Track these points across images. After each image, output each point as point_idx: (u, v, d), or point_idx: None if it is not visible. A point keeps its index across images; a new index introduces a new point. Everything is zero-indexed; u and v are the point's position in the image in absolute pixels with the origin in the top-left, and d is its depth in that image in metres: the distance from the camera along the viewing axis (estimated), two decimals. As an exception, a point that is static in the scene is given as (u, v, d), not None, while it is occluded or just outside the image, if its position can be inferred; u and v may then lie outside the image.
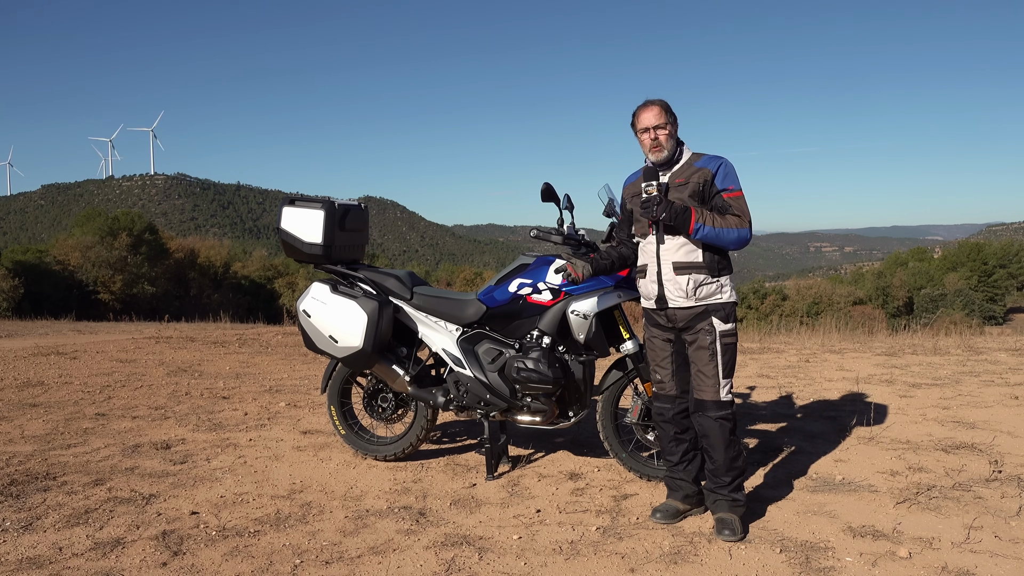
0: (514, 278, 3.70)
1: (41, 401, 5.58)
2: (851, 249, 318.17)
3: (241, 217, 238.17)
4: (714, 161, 3.11)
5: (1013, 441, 4.29)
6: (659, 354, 3.27)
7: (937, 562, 2.74)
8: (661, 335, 3.24)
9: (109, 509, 3.32)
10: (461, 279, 58.97)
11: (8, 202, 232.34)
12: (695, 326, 3.10)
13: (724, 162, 3.11)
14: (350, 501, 3.47)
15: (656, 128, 3.11)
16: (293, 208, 3.92)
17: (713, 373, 3.08)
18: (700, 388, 3.11)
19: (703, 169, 3.09)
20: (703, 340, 3.08)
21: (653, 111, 3.13)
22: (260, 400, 5.71)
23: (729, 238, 3.01)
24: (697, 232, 2.99)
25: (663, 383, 3.28)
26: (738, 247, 3.05)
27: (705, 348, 3.08)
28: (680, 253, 3.08)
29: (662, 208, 2.97)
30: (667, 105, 3.16)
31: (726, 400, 3.09)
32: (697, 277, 3.05)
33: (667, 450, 3.33)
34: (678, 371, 3.24)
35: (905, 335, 10.31)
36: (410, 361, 3.96)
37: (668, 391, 3.27)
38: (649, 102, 3.16)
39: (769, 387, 6.03)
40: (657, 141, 3.12)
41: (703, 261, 3.06)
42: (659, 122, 3.11)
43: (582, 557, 2.84)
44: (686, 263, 3.06)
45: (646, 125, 3.13)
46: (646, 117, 3.14)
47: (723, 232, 3.00)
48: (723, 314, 3.08)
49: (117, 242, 44.15)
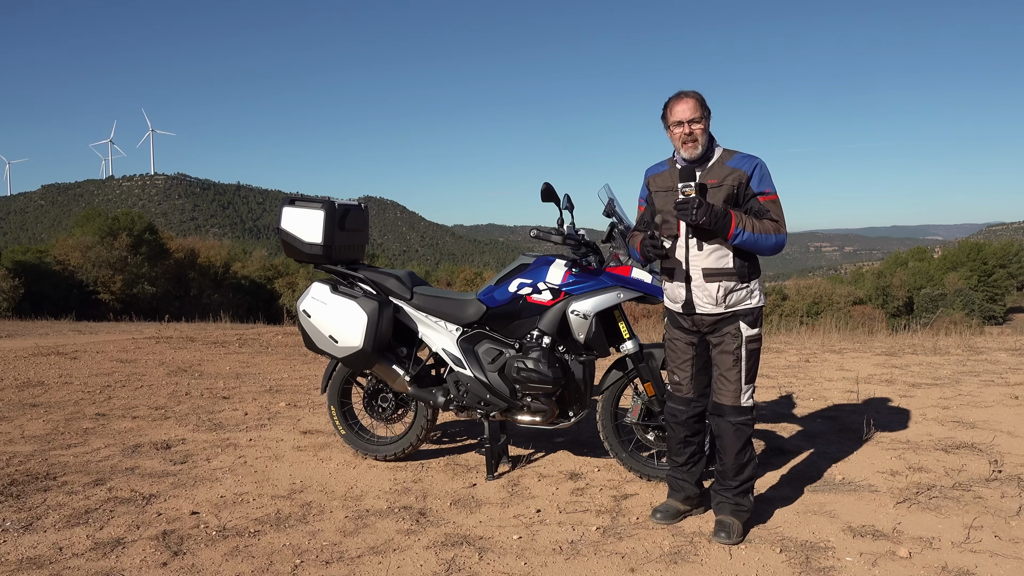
0: (514, 278, 3.70)
1: (41, 401, 5.58)
2: (851, 249, 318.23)
3: (241, 217, 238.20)
4: (749, 161, 2.95)
5: (1013, 441, 4.29)
6: (680, 356, 3.18)
7: (937, 562, 2.74)
8: (684, 338, 3.15)
9: (109, 509, 3.32)
10: (461, 279, 58.94)
11: (8, 202, 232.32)
12: (721, 329, 3.01)
13: (760, 163, 2.96)
14: (350, 501, 3.47)
15: (691, 122, 2.92)
16: (293, 208, 3.92)
17: (736, 378, 3.00)
18: (720, 392, 3.04)
19: (738, 170, 2.93)
20: (728, 344, 3.00)
21: (688, 104, 2.93)
22: (260, 400, 5.71)
23: (767, 244, 2.90)
24: (736, 238, 2.85)
25: (680, 385, 3.20)
26: (774, 253, 2.94)
27: (730, 353, 3.00)
28: (711, 259, 2.96)
29: (702, 212, 2.79)
30: (702, 98, 2.97)
31: (746, 406, 3.02)
32: (728, 284, 2.95)
33: (674, 451, 3.28)
34: (698, 375, 3.15)
35: (905, 335, 10.31)
36: (410, 361, 3.96)
37: (685, 393, 3.19)
38: (683, 93, 2.97)
39: (769, 387, 6.03)
40: (692, 136, 2.93)
41: (734, 268, 2.94)
42: (695, 115, 2.92)
43: (582, 557, 2.84)
44: (717, 270, 2.95)
45: (680, 119, 2.94)
46: (680, 110, 2.94)
47: (761, 238, 2.88)
48: (751, 319, 3.00)
49: (117, 242, 44.13)
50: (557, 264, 3.63)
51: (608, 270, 3.57)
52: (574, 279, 3.56)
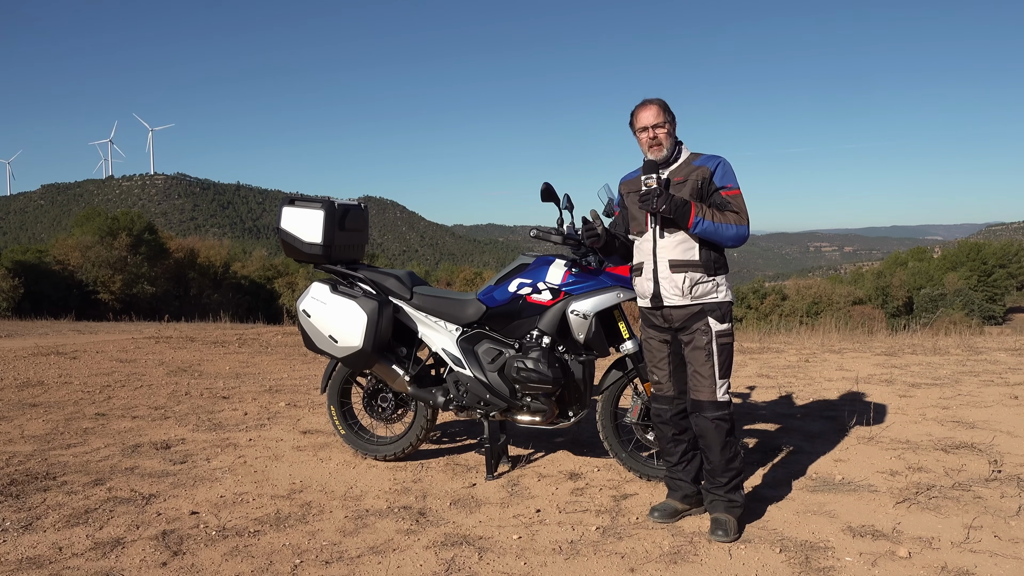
0: (514, 278, 3.71)
1: (41, 401, 5.58)
2: (851, 249, 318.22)
3: (241, 217, 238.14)
4: (712, 160, 3.12)
5: (1013, 441, 4.29)
6: (656, 355, 3.28)
7: (937, 562, 2.74)
8: (658, 336, 3.25)
9: (109, 509, 3.32)
10: (461, 279, 58.93)
11: (8, 202, 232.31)
12: (691, 326, 3.10)
13: (722, 161, 3.13)
14: (350, 501, 3.47)
15: (655, 127, 3.12)
16: (293, 208, 3.92)
17: (710, 373, 3.08)
18: (697, 389, 3.11)
19: (702, 167, 3.10)
20: (699, 340, 3.08)
21: (652, 110, 3.14)
22: (260, 400, 5.71)
23: (727, 234, 3.02)
24: (696, 226, 2.99)
25: (660, 384, 3.29)
26: (736, 244, 3.06)
27: (701, 348, 3.08)
28: (677, 251, 3.08)
29: (662, 200, 2.97)
30: (665, 104, 3.17)
31: (723, 400, 3.09)
32: (693, 275, 3.05)
33: (666, 450, 3.34)
34: (675, 372, 3.24)
35: (905, 335, 10.31)
36: (410, 361, 3.96)
37: (666, 392, 3.27)
38: (647, 101, 3.17)
39: (769, 387, 6.03)
40: (656, 140, 3.13)
41: (699, 259, 3.06)
42: (658, 121, 3.12)
43: (582, 557, 2.84)
44: (683, 261, 3.07)
45: (645, 124, 3.14)
46: (645, 116, 3.15)
47: (722, 228, 3.01)
48: (719, 314, 3.08)
49: (117, 242, 44.13)
50: (557, 264, 3.63)
51: (608, 270, 3.57)
52: (574, 279, 3.56)
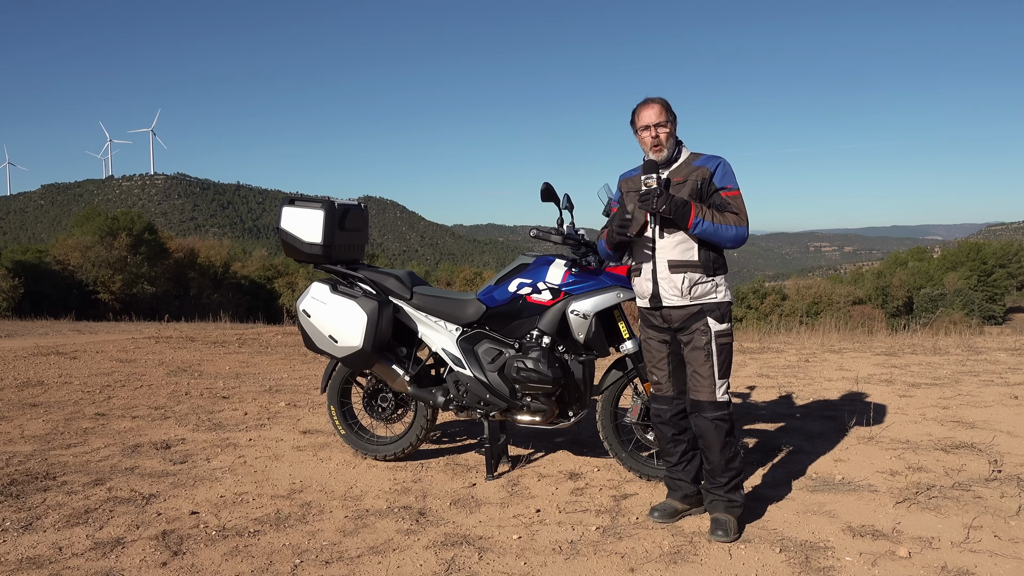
0: (514, 278, 3.71)
1: (41, 401, 5.58)
2: (851, 249, 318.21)
3: (241, 217, 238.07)
4: (712, 160, 3.11)
5: (1013, 441, 4.29)
6: (655, 355, 3.27)
7: (937, 562, 2.74)
8: (657, 336, 3.24)
9: (109, 509, 3.32)
10: (461, 279, 58.94)
11: (8, 202, 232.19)
12: (690, 326, 3.09)
13: (722, 161, 3.12)
14: (350, 501, 3.47)
15: (657, 126, 3.11)
16: (293, 208, 3.92)
17: (709, 374, 3.07)
18: (696, 389, 3.11)
19: (702, 168, 3.09)
20: (698, 340, 3.08)
21: (654, 109, 3.12)
22: (260, 400, 5.71)
23: (727, 235, 3.02)
24: (696, 226, 2.98)
25: (660, 384, 3.28)
26: (735, 245, 3.06)
27: (701, 348, 3.08)
28: (676, 251, 3.07)
29: (662, 200, 2.96)
30: (667, 103, 3.16)
31: (722, 401, 3.09)
32: (692, 276, 3.05)
33: (665, 451, 3.34)
34: (675, 372, 3.24)
35: (905, 335, 10.31)
36: (410, 361, 3.96)
37: (665, 392, 3.27)
38: (649, 100, 3.16)
39: (769, 387, 6.03)
40: (658, 139, 3.11)
41: (698, 260, 3.05)
42: (660, 120, 3.11)
43: (582, 557, 2.84)
44: (682, 261, 3.06)
45: (647, 123, 3.12)
46: (647, 115, 3.13)
47: (721, 228, 3.00)
48: (718, 314, 3.08)
49: (117, 242, 44.11)
50: (557, 264, 3.63)
51: (608, 270, 3.57)
52: (574, 279, 3.57)
